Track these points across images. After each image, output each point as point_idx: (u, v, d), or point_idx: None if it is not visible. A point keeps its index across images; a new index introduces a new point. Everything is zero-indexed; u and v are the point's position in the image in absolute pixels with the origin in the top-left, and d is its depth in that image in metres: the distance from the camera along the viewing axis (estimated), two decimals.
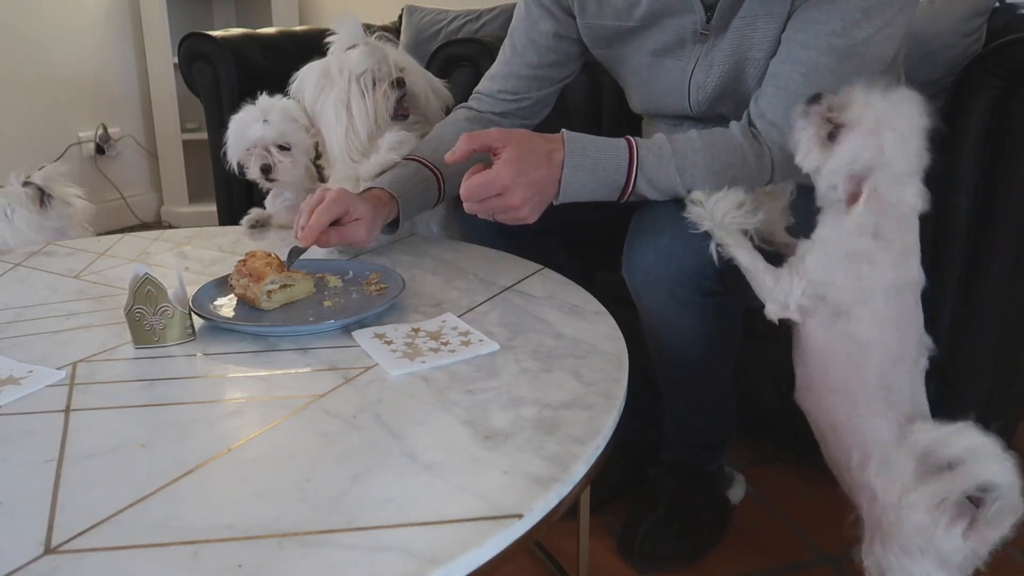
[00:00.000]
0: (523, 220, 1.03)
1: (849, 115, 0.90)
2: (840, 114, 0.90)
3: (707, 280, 1.07)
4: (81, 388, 0.81)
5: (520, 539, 0.60)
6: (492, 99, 1.34)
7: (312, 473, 0.65)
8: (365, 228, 1.13)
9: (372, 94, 1.34)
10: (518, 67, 1.31)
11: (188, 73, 2.54)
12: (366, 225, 1.13)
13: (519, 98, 1.33)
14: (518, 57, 1.31)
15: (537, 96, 1.33)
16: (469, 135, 1.03)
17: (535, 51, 1.29)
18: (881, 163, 0.88)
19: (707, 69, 1.15)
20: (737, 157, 1.07)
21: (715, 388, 1.23)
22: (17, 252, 1.29)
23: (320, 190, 1.13)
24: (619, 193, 1.07)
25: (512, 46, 1.32)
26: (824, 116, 0.92)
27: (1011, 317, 1.24)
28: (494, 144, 1.01)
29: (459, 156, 1.03)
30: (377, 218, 1.16)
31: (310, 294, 1.02)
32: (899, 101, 0.89)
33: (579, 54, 1.31)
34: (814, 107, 0.93)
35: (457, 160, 1.04)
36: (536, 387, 0.79)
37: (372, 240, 1.16)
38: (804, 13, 1.05)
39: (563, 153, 1.03)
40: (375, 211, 1.15)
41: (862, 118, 0.89)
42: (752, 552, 1.28)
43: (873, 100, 0.89)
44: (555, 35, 1.27)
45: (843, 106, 0.91)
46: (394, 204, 1.19)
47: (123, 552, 0.56)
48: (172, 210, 3.33)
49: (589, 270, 1.40)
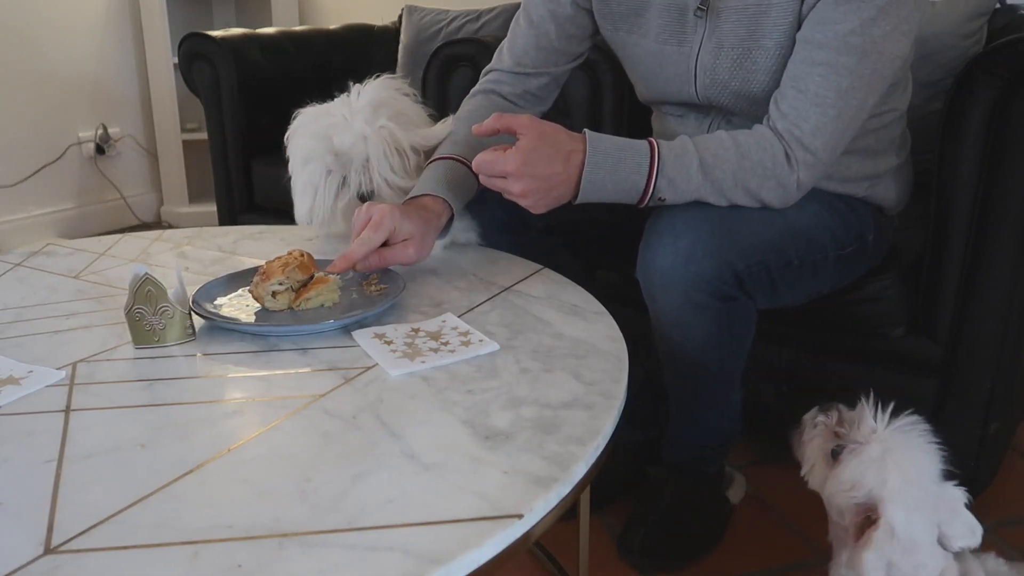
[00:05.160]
0: (528, 208, 1.04)
1: (855, 435, 0.87)
2: (848, 431, 0.88)
3: (725, 285, 1.07)
4: (81, 388, 0.81)
5: (520, 539, 0.60)
6: (510, 75, 1.31)
7: (312, 473, 0.65)
8: (414, 248, 1.07)
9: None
10: (536, 39, 1.29)
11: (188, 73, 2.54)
12: (415, 245, 1.07)
13: (537, 72, 1.30)
14: (535, 29, 1.28)
15: (554, 72, 1.31)
16: (499, 115, 1.04)
17: (553, 22, 1.27)
18: (886, 495, 0.83)
19: (716, 52, 1.14)
20: (768, 156, 1.06)
21: (724, 391, 1.22)
22: (17, 252, 1.29)
23: (367, 208, 1.07)
24: (639, 195, 1.06)
25: (528, 20, 1.29)
26: (831, 429, 0.90)
27: (1011, 317, 1.24)
28: (520, 130, 1.01)
29: (484, 131, 1.04)
30: (428, 235, 1.10)
31: (334, 302, 1.00)
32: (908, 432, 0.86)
33: (593, 30, 1.29)
34: (821, 418, 0.91)
35: (481, 134, 1.04)
36: (536, 387, 0.79)
37: (422, 258, 1.10)
38: (819, 13, 1.04)
39: (583, 154, 1.02)
40: (425, 226, 1.09)
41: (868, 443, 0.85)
42: (752, 552, 1.28)
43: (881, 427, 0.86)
44: (573, 3, 1.26)
45: (852, 422, 0.88)
46: (446, 208, 1.14)
47: (123, 552, 0.56)
48: (172, 210, 3.33)
49: (590, 269, 1.40)
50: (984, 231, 1.20)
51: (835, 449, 0.89)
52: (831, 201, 1.19)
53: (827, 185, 1.17)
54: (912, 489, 0.84)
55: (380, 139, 1.17)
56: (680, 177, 1.05)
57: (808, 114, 1.05)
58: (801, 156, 1.06)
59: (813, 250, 1.14)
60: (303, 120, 1.23)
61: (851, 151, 1.14)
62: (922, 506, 0.84)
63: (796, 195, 1.10)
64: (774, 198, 1.08)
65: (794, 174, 1.07)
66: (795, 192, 1.09)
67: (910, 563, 0.83)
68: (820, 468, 0.91)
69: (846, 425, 0.89)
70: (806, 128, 1.05)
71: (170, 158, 3.27)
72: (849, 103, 1.05)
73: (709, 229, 1.06)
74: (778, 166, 1.06)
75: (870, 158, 1.21)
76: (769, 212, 1.10)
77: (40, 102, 3.00)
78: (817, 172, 1.09)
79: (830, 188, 1.19)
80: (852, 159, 1.18)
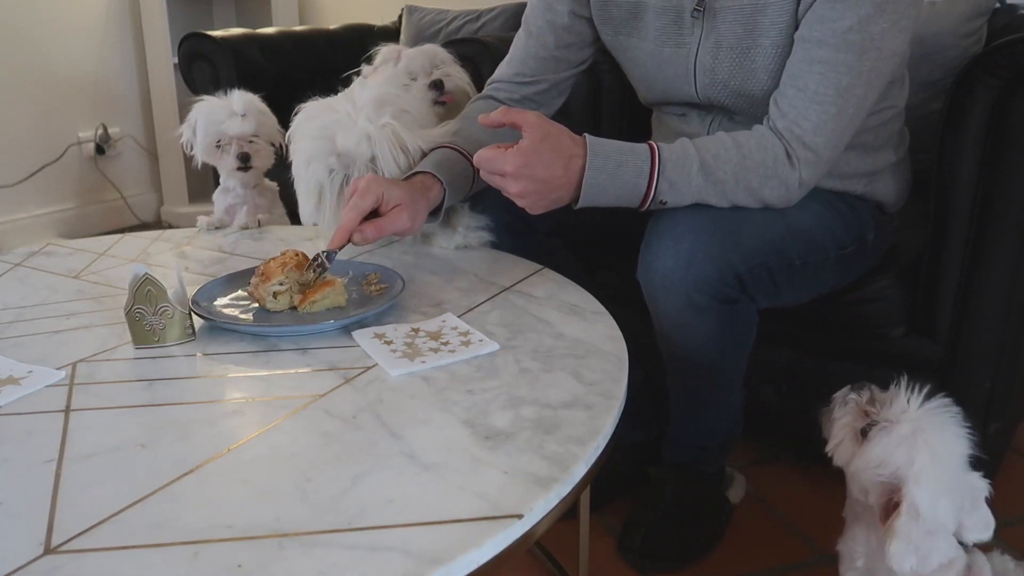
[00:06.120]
0: (525, 208, 1.04)
1: (886, 414, 0.87)
2: (879, 410, 0.88)
3: (727, 287, 1.07)
4: (81, 388, 0.81)
5: (520, 539, 0.60)
6: (509, 84, 1.33)
7: (312, 473, 0.65)
8: (407, 214, 1.06)
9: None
10: (535, 49, 1.30)
11: (188, 73, 2.54)
12: (408, 211, 1.06)
13: (535, 80, 1.32)
14: (534, 39, 1.30)
15: (553, 79, 1.32)
16: (508, 108, 1.04)
17: (552, 31, 1.29)
18: (912, 475, 0.83)
19: (714, 52, 1.14)
20: (769, 155, 1.06)
21: (725, 392, 1.22)
22: (17, 252, 1.29)
23: (353, 181, 1.07)
24: (641, 199, 1.06)
25: (527, 31, 1.31)
26: (862, 408, 0.90)
27: (1011, 317, 1.24)
28: (524, 128, 1.01)
29: (490, 122, 1.04)
30: (418, 203, 1.08)
31: (340, 305, 0.99)
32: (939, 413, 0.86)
33: (593, 38, 1.30)
34: (853, 396, 0.91)
35: (487, 125, 1.04)
36: (536, 387, 0.79)
37: (418, 227, 1.09)
38: (817, 11, 1.04)
39: (583, 159, 1.02)
40: (412, 195, 1.08)
41: (899, 422, 0.85)
42: (752, 552, 1.28)
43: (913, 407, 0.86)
44: (571, 13, 1.27)
45: (883, 402, 0.88)
46: (435, 182, 1.12)
47: (123, 552, 0.56)
48: (172, 210, 3.33)
49: (590, 269, 1.40)
50: (984, 231, 1.20)
51: (865, 428, 0.88)
52: (831, 201, 1.19)
53: (826, 182, 1.17)
54: (939, 470, 0.84)
55: (384, 137, 1.17)
56: (681, 179, 1.05)
57: (808, 112, 1.05)
58: (802, 155, 1.06)
59: (814, 250, 1.14)
60: (305, 118, 1.22)
61: (849, 147, 1.14)
62: (948, 490, 0.84)
63: (798, 194, 1.10)
64: (776, 198, 1.08)
65: (796, 173, 1.07)
66: (797, 191, 1.09)
67: (927, 544, 0.83)
68: (848, 445, 0.91)
69: (877, 405, 0.89)
70: (807, 126, 1.05)
71: (170, 158, 3.27)
72: (849, 100, 1.05)
73: (711, 231, 1.06)
74: (780, 165, 1.06)
75: (868, 154, 1.22)
76: (770, 213, 1.10)
77: (40, 102, 3.00)
78: (819, 170, 1.09)
79: (829, 185, 1.19)
80: (850, 155, 1.18)
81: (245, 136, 1.44)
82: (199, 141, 1.45)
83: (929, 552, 0.83)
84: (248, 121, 1.44)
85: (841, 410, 0.92)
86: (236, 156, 1.43)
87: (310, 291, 0.98)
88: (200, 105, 1.45)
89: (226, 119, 1.43)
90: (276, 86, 2.42)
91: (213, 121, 1.44)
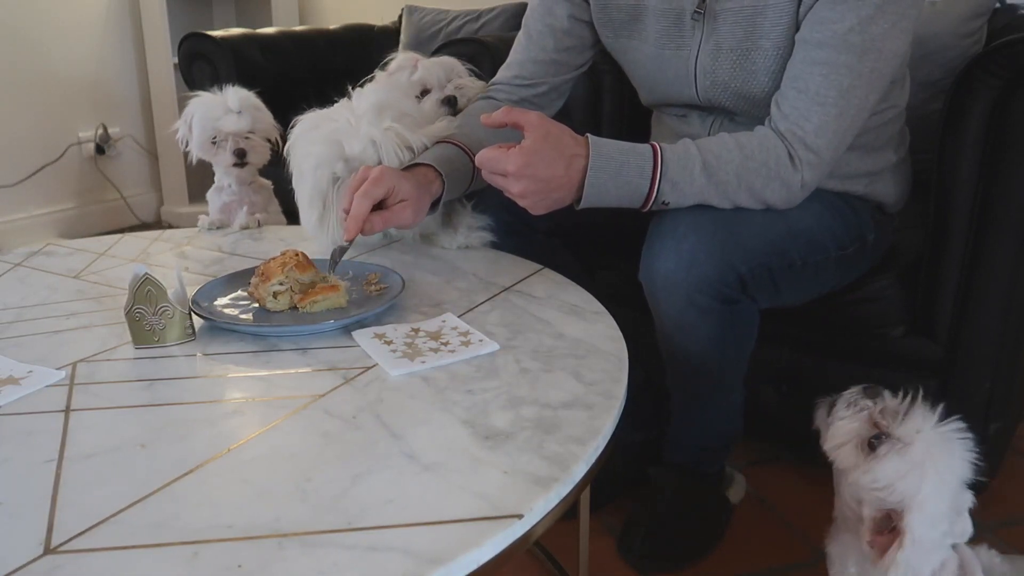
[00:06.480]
0: (526, 208, 1.04)
1: (899, 431, 0.84)
2: (890, 423, 0.85)
3: (728, 288, 1.07)
4: (81, 388, 0.81)
5: (520, 539, 0.60)
6: (508, 86, 1.33)
7: (312, 473, 0.65)
8: (412, 210, 1.07)
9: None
10: (534, 52, 1.31)
11: (188, 73, 2.54)
12: (412, 207, 1.07)
13: (535, 83, 1.32)
14: (534, 43, 1.31)
15: (553, 83, 1.33)
16: (510, 108, 1.04)
17: (551, 35, 1.29)
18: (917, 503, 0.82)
19: (714, 54, 1.14)
20: (771, 157, 1.06)
21: (725, 393, 1.22)
22: (17, 252, 1.29)
23: (362, 169, 1.08)
24: (643, 200, 1.06)
25: (527, 35, 1.32)
26: (873, 418, 0.87)
27: (1011, 317, 1.24)
28: (526, 128, 1.01)
29: (492, 122, 1.04)
30: (423, 199, 1.10)
31: (340, 305, 0.99)
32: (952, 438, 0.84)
33: (593, 41, 1.31)
34: (867, 403, 0.89)
35: (489, 124, 1.04)
36: (536, 387, 0.79)
37: (419, 222, 1.11)
38: (818, 13, 1.04)
39: (585, 159, 1.02)
40: (419, 190, 1.09)
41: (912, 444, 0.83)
42: (752, 552, 1.28)
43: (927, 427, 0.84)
44: (570, 16, 1.27)
45: (895, 414, 0.86)
46: (436, 176, 1.13)
47: (123, 552, 0.56)
48: (172, 210, 3.33)
49: (591, 269, 1.40)
50: (984, 231, 1.20)
51: (873, 440, 0.86)
52: (832, 201, 1.19)
53: (826, 183, 1.17)
54: (943, 497, 0.82)
55: (389, 141, 1.17)
56: (683, 180, 1.05)
57: (810, 114, 1.05)
58: (804, 156, 1.06)
59: (815, 251, 1.14)
60: (304, 127, 1.21)
61: (850, 147, 1.14)
62: (946, 512, 0.83)
63: (800, 195, 1.10)
64: (778, 199, 1.08)
65: (798, 174, 1.07)
66: (799, 192, 1.09)
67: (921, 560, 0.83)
68: (851, 452, 0.88)
69: (887, 416, 0.86)
70: (808, 128, 1.05)
71: (170, 158, 3.27)
72: (850, 102, 1.05)
73: (712, 232, 1.06)
74: (782, 167, 1.06)
75: (869, 154, 1.22)
76: (771, 214, 1.10)
77: (40, 102, 3.00)
78: (821, 172, 1.09)
79: (830, 186, 1.19)
80: (851, 155, 1.18)
81: (241, 132, 1.44)
82: (195, 137, 1.45)
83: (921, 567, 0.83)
84: (244, 117, 1.44)
85: (849, 412, 0.90)
86: (232, 152, 1.44)
87: (311, 291, 0.98)
88: (196, 101, 1.46)
89: (222, 115, 1.44)
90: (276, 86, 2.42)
91: (209, 117, 1.44)
